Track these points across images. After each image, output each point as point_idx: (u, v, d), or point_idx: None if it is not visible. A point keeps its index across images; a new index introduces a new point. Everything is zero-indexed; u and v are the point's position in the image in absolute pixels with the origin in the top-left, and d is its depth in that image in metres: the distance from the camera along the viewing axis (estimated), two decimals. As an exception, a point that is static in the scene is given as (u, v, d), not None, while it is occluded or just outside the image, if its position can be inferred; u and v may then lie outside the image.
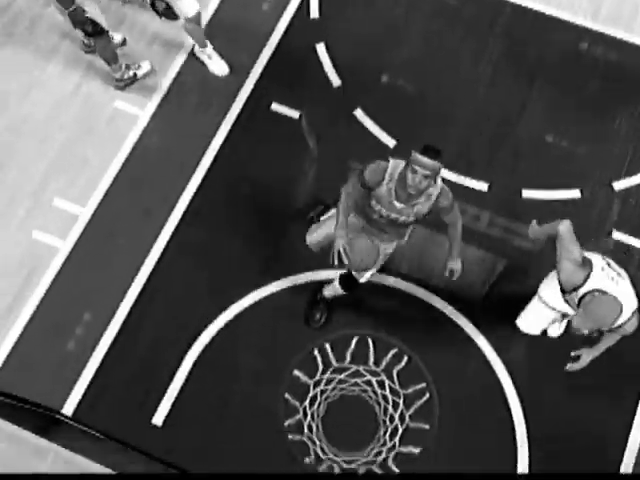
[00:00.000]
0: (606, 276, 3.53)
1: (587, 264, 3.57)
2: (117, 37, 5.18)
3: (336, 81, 5.15)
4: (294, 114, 4.98)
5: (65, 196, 4.77)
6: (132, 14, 5.36)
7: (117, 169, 4.85)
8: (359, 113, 5.04)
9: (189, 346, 4.36)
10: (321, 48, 5.24)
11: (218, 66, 5.17)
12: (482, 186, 4.83)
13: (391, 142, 4.94)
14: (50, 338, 4.37)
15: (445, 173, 4.77)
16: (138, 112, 5.04)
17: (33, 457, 1.81)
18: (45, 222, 4.70)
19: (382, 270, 4.21)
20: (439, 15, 5.40)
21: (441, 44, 5.30)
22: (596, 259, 3.61)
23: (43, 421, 2.57)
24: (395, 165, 3.73)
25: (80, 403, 4.18)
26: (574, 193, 4.83)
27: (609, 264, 3.61)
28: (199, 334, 4.39)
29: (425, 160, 3.53)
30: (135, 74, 5.14)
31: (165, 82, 5.14)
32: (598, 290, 3.46)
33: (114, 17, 5.27)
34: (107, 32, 4.69)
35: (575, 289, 3.57)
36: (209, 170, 4.84)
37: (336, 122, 5.01)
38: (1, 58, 5.19)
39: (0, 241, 4.64)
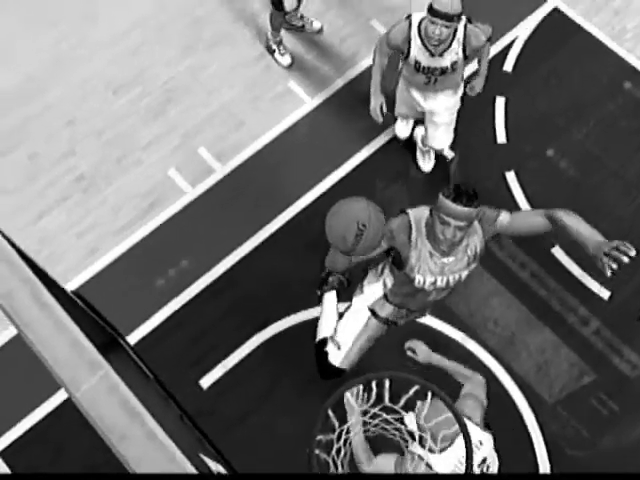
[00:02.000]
0: None
1: None
2: (316, 24, 5.37)
3: (501, 138, 5.06)
4: (448, 153, 4.95)
5: (210, 149, 4.98)
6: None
7: (264, 143, 5.00)
8: (510, 176, 4.93)
9: (264, 326, 4.41)
10: (500, 101, 5.16)
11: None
12: (603, 293, 4.60)
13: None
14: (145, 268, 4.59)
15: (570, 264, 4.60)
16: (306, 98, 5.18)
17: (86, 368, 1.87)
18: (184, 165, 4.93)
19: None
20: (629, 110, 5.19)
21: (618, 138, 5.08)
22: None
23: (105, 340, 2.71)
24: (418, 216, 3.17)
25: (144, 339, 4.38)
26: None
27: None
28: (277, 319, 4.46)
29: (458, 209, 2.94)
30: (303, 25, 5.35)
31: (340, 81, 5.25)
32: None
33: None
34: (284, 9, 4.88)
35: None
36: (343, 178, 4.89)
37: (485, 176, 4.93)
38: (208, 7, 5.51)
39: (141, 166, 4.92)
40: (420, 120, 4.71)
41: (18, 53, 5.25)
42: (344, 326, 3.60)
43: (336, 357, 3.60)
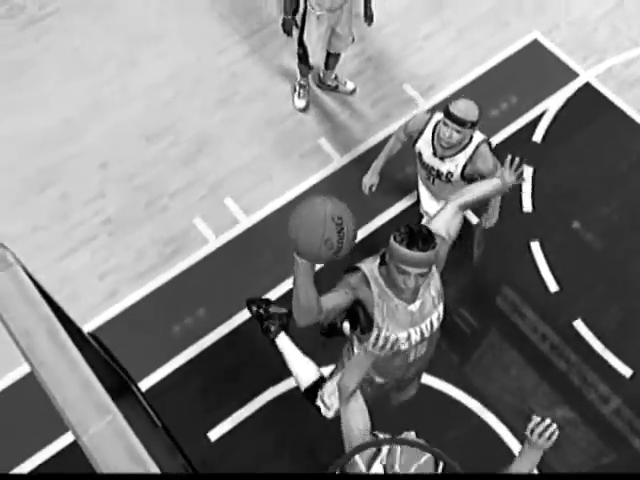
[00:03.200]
0: None
1: None
2: (350, 85, 5.48)
3: (527, 207, 5.05)
4: (473, 219, 4.94)
5: (237, 200, 5.03)
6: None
7: (290, 199, 5.04)
8: (535, 246, 4.90)
9: (277, 380, 4.36)
10: (528, 171, 5.16)
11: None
12: (626, 371, 4.49)
13: (553, 286, 4.74)
14: (163, 314, 4.59)
15: (592, 339, 4.52)
16: (335, 156, 5.24)
17: (94, 411, 1.86)
18: (209, 214, 4.98)
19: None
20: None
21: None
22: None
23: (116, 384, 2.69)
24: (370, 268, 2.91)
25: (155, 385, 4.34)
26: None
27: None
28: (291, 375, 4.40)
29: (416, 256, 2.69)
30: (337, 85, 5.47)
31: (370, 141, 5.30)
32: None
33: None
34: (309, 65, 5.10)
35: None
36: (368, 235, 4.90)
37: (510, 245, 4.90)
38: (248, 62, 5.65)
39: (167, 213, 4.98)
40: None
41: (60, 96, 5.41)
42: (331, 392, 3.47)
43: (327, 413, 3.54)
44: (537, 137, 5.36)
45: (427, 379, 4.41)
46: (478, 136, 3.96)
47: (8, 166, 5.11)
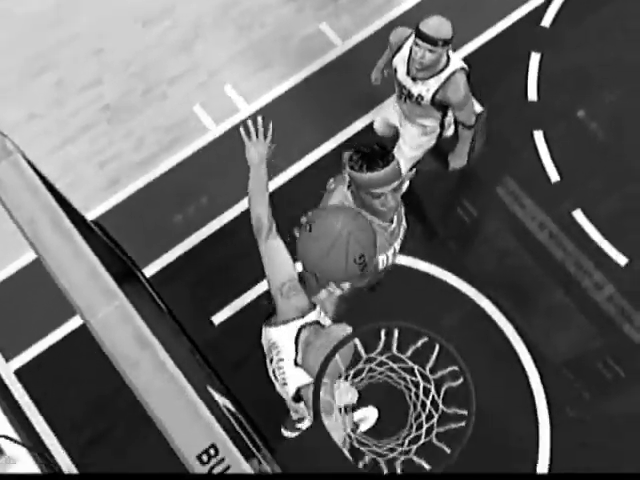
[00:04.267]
0: None
1: None
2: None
3: (532, 95, 4.97)
4: (478, 108, 4.85)
5: (236, 87, 4.94)
6: None
7: (290, 86, 4.94)
8: (538, 135, 4.85)
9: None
10: (535, 57, 5.04)
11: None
12: (621, 259, 4.57)
13: (555, 176, 4.74)
14: (165, 203, 4.61)
15: (590, 228, 4.58)
16: (337, 40, 5.09)
17: (102, 296, 1.91)
18: (209, 101, 4.90)
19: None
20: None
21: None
22: None
23: (122, 271, 2.75)
24: (341, 199, 2.86)
25: (159, 272, 4.43)
26: None
27: None
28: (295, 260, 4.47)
29: (382, 173, 2.66)
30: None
31: (377, 23, 5.14)
32: None
33: None
34: None
35: None
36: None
37: (513, 134, 4.85)
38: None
39: (166, 100, 4.90)
40: None
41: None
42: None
43: None
44: (546, 21, 5.18)
45: (422, 265, 4.49)
46: (456, 63, 3.75)
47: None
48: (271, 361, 2.83)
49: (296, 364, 2.73)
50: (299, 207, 2.79)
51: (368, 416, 3.90)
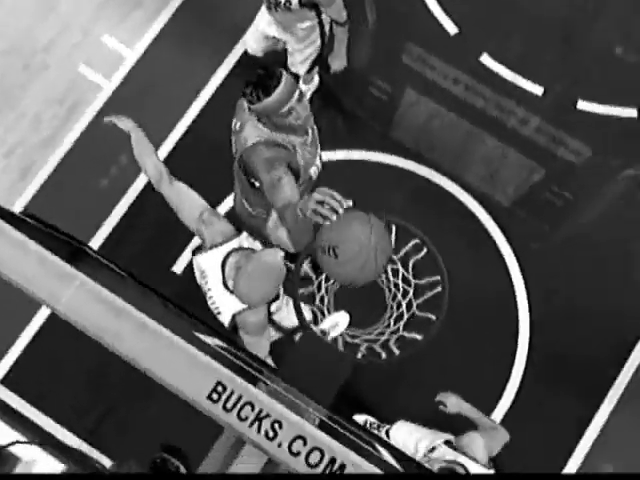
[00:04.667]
0: None
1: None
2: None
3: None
4: None
5: (114, 35, 4.72)
6: None
7: (168, 17, 4.75)
8: (428, -5, 4.80)
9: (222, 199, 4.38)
10: None
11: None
12: (537, 90, 4.66)
13: (452, 29, 4.73)
14: (85, 173, 4.48)
15: (501, 69, 4.62)
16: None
17: (59, 281, 1.88)
18: (92, 58, 4.68)
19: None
20: None
21: None
22: None
23: (69, 251, 2.68)
24: (257, 135, 2.92)
25: (106, 241, 4.36)
26: (631, 112, 4.64)
27: None
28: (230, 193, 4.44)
29: (282, 95, 2.72)
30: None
31: None
32: None
33: None
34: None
35: None
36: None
37: (398, 3, 4.78)
38: None
39: (48, 70, 4.66)
40: None
41: None
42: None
43: None
44: None
45: (355, 155, 4.50)
46: None
47: None
48: (205, 295, 2.90)
49: (225, 287, 2.78)
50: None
51: (339, 321, 3.98)
